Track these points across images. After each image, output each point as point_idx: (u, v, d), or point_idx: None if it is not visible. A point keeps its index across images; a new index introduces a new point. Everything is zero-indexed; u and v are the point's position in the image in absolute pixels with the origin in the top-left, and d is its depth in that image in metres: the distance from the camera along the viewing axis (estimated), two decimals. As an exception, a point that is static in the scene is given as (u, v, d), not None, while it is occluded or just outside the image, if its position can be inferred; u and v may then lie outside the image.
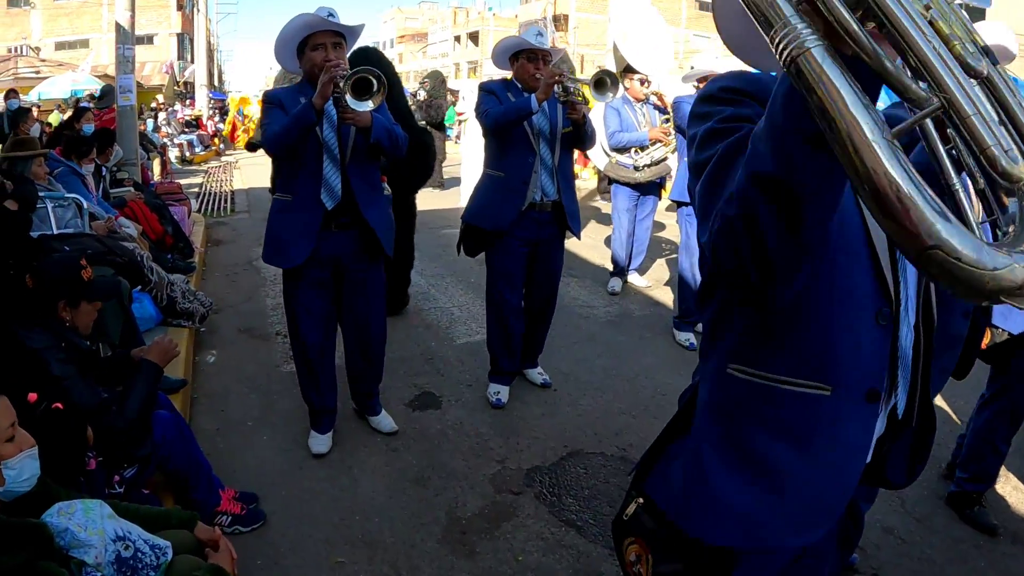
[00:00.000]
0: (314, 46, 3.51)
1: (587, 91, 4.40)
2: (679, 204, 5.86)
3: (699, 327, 5.87)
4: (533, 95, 4.10)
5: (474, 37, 60.83)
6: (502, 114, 4.16)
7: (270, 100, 3.61)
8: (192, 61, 36.79)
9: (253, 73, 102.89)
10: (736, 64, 1.60)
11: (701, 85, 5.35)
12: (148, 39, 36.22)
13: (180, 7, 38.88)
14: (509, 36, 4.37)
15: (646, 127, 6.63)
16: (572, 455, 4.01)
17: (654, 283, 7.49)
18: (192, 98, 31.56)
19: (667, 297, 7.04)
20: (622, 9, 4.63)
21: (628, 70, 6.64)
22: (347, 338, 4.00)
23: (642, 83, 6.63)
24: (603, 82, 4.36)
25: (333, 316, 3.89)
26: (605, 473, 3.86)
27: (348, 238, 3.68)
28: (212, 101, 30.49)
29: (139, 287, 4.84)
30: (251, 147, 10.64)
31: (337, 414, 4.06)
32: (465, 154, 11.75)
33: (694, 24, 47.56)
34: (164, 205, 7.62)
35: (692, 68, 5.85)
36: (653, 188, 7.00)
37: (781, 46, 0.88)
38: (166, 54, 36.90)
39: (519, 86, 4.36)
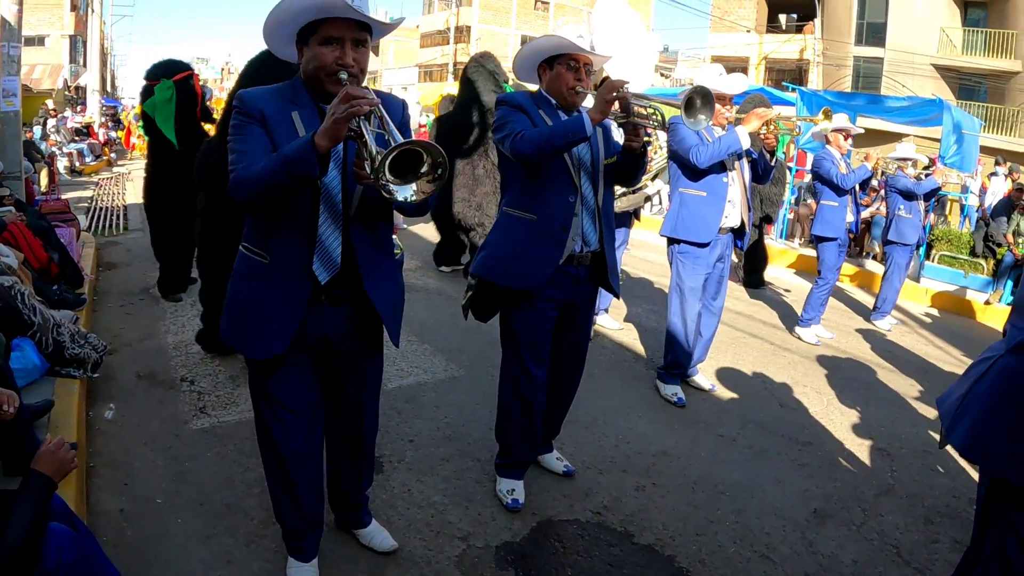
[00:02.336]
0: (325, 38, 2.38)
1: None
2: (671, 241, 5.20)
3: (696, 379, 5.48)
4: (584, 113, 3.15)
5: (375, 48, 60.06)
6: (545, 139, 3.16)
7: (246, 109, 2.43)
8: (85, 65, 35.12)
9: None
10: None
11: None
12: (39, 40, 34.44)
13: (74, 8, 36.96)
14: (543, 36, 3.45)
15: None
16: (544, 525, 3.50)
17: (626, 327, 7.04)
18: (84, 104, 30.09)
19: (628, 337, 6.64)
20: (602, 14, 4.08)
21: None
22: (329, 432, 2.95)
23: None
24: (693, 102, 3.33)
25: (319, 411, 2.81)
26: (585, 545, 3.38)
27: (342, 314, 2.64)
28: (104, 107, 29.15)
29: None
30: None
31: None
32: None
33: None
34: (50, 227, 6.75)
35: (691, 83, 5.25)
36: (625, 219, 6.61)
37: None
38: (57, 57, 35.15)
39: (552, 101, 3.45)
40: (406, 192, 2.14)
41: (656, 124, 3.36)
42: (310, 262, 2.47)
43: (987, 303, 9.94)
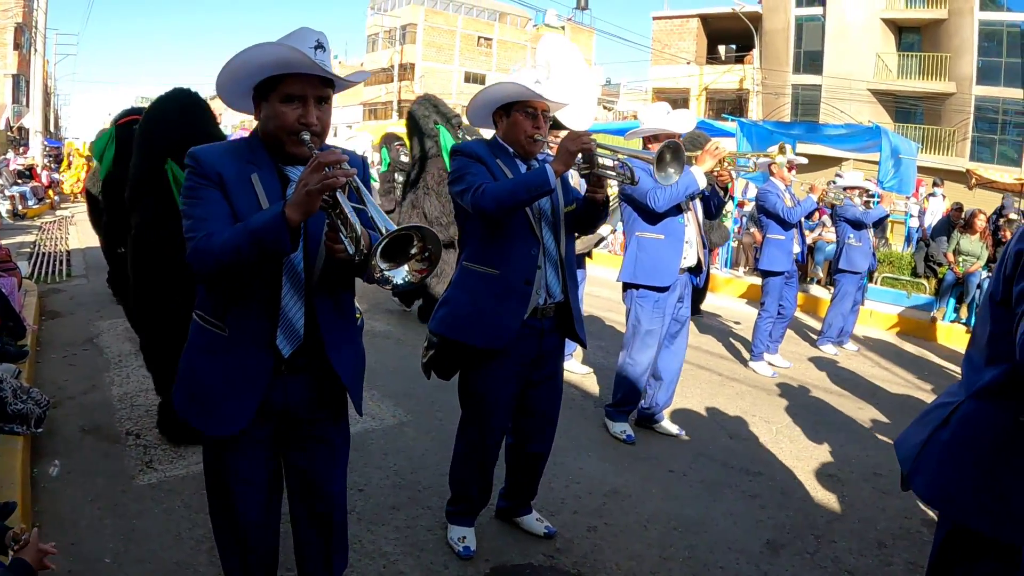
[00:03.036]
0: (286, 96, 2.22)
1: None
2: (629, 285, 5.11)
3: (663, 425, 5.35)
4: (546, 164, 3.06)
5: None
6: (508, 193, 3.04)
7: (202, 170, 2.23)
8: (28, 105, 34.61)
9: (92, 119, 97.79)
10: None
11: (652, 146, 4.87)
12: (-20, 80, 33.89)
13: (17, 47, 36.43)
14: (497, 83, 3.31)
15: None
16: (497, 571, 3.46)
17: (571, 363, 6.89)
18: (26, 145, 29.57)
19: (575, 375, 6.59)
20: (547, 54, 4.06)
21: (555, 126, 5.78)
22: (295, 510, 2.65)
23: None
24: (663, 157, 3.28)
25: (279, 481, 2.61)
26: (543, 592, 3.33)
27: (303, 382, 2.44)
28: (48, 149, 28.67)
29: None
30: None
31: None
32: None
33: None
34: (-10, 279, 6.61)
35: (642, 123, 5.19)
36: (579, 260, 6.45)
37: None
38: (0, 97, 34.62)
39: (509, 150, 3.35)
40: (399, 276, 2.04)
41: (625, 179, 3.33)
42: (273, 336, 2.30)
43: (932, 320, 10.18)
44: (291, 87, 2.20)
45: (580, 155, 3.10)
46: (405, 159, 10.21)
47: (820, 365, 7.85)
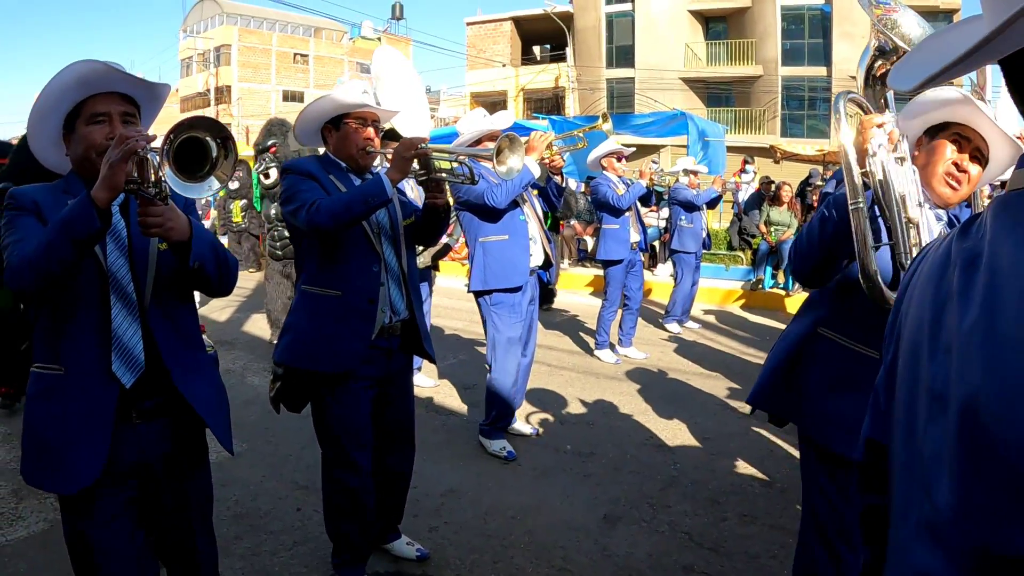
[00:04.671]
0: (91, 116, 2.17)
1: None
2: (481, 294, 4.93)
3: (515, 426, 5.23)
4: (381, 173, 2.98)
5: (134, 114, 57.86)
6: (343, 207, 2.92)
7: (17, 203, 2.16)
8: None
9: None
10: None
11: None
12: None
13: None
14: (323, 96, 3.22)
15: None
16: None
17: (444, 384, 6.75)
18: None
19: (445, 394, 6.45)
20: (382, 65, 3.99)
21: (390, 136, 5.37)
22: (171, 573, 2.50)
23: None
24: (501, 150, 3.23)
25: (147, 550, 2.38)
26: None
27: (157, 432, 2.28)
28: None
29: None
30: None
31: None
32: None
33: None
34: None
35: (462, 132, 5.10)
36: (426, 273, 6.31)
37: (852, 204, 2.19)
38: None
39: (342, 165, 3.23)
40: (207, 188, 2.00)
41: (465, 179, 3.26)
42: (109, 363, 2.15)
43: (754, 289, 10.77)
44: (95, 107, 2.18)
45: (415, 161, 3.03)
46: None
47: (666, 345, 8.19)
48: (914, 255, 2.16)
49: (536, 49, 38.58)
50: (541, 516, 4.04)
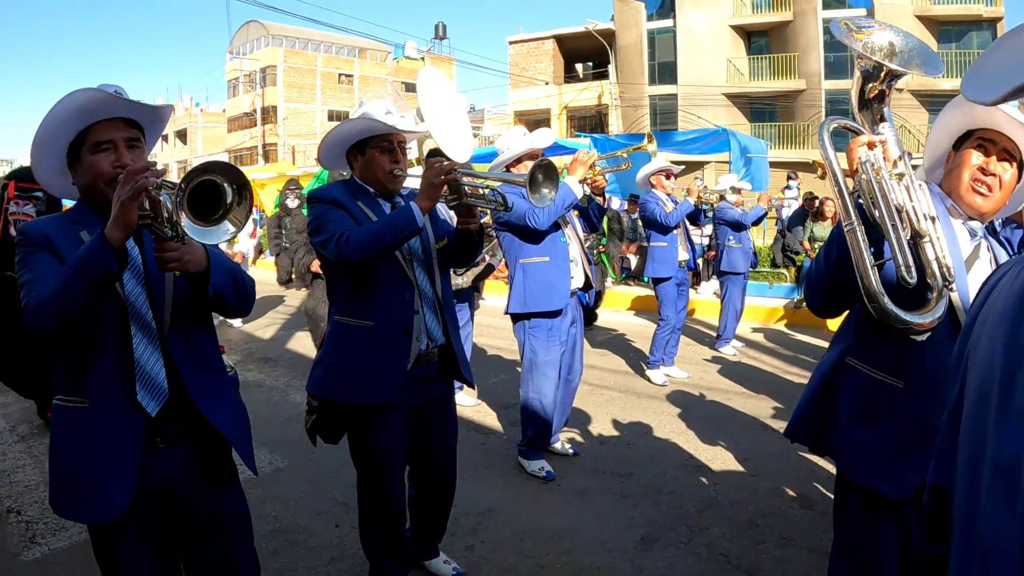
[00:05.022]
0: (95, 145, 2.17)
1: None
2: (519, 317, 4.89)
3: (565, 446, 5.23)
4: (412, 203, 2.86)
5: (182, 135, 58.99)
6: (374, 239, 2.84)
7: (29, 239, 2.14)
8: None
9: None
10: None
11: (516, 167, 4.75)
12: None
13: None
14: (345, 120, 3.12)
15: None
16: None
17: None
18: None
19: (485, 413, 6.50)
20: (426, 85, 3.91)
21: (435, 154, 5.22)
22: None
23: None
24: (535, 178, 3.01)
25: (176, 572, 2.40)
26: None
27: (181, 456, 2.28)
28: None
29: None
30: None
31: None
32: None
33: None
34: None
35: (501, 151, 4.94)
36: (468, 295, 6.30)
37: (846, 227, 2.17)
38: None
39: (369, 190, 3.14)
40: (222, 233, 1.93)
41: (498, 206, 3.16)
42: (133, 393, 2.15)
43: (797, 307, 10.64)
44: (99, 134, 2.17)
45: (445, 187, 2.93)
46: (293, 203, 10.11)
47: (707, 364, 8.07)
48: (935, 269, 2.13)
49: (579, 67, 38.70)
50: (578, 536, 4.02)
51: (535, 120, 35.08)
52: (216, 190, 1.92)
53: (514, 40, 38.53)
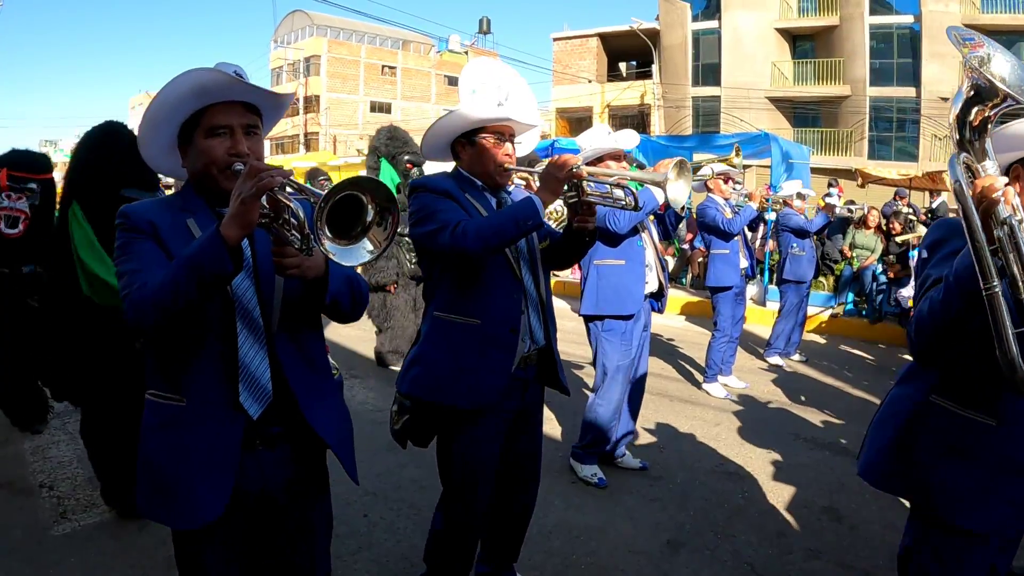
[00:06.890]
0: (210, 129, 2.03)
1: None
2: (591, 319, 4.80)
3: (624, 460, 5.05)
4: (533, 195, 2.70)
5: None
6: (494, 230, 2.67)
7: (132, 223, 2.01)
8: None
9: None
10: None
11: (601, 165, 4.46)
12: None
13: None
14: (456, 109, 2.95)
15: None
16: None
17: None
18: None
19: None
20: (493, 74, 3.66)
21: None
22: None
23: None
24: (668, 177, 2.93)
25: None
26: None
27: (282, 460, 2.15)
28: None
29: None
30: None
31: None
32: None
33: (442, 100, 50.52)
34: None
35: (583, 147, 4.69)
36: None
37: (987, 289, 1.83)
38: None
39: (477, 182, 2.98)
40: (361, 253, 1.71)
41: (627, 205, 2.97)
42: (236, 394, 2.01)
43: (834, 316, 10.53)
44: (215, 118, 2.03)
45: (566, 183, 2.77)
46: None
47: (742, 373, 7.89)
48: None
49: (622, 66, 38.52)
50: (605, 538, 4.03)
51: (577, 118, 35.02)
52: (356, 204, 1.71)
53: (558, 37, 38.39)
